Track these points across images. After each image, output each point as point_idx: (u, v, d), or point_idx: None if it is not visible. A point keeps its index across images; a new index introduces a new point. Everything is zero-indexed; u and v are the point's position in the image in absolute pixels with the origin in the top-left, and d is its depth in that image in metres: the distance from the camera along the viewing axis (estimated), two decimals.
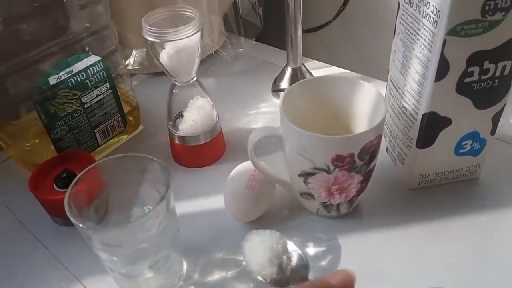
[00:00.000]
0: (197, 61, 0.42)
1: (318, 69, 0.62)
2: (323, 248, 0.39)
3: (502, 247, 0.38)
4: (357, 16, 0.65)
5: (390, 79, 0.44)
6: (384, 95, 0.46)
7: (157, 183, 0.34)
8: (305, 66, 0.57)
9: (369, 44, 0.67)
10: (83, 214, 0.32)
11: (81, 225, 0.28)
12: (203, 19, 0.58)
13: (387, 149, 0.47)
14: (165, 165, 0.33)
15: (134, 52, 0.60)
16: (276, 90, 0.58)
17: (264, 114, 0.56)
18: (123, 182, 0.35)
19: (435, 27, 0.33)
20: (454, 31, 0.32)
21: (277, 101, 0.58)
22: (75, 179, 0.32)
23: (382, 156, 0.45)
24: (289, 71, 0.57)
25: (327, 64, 0.63)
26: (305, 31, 0.54)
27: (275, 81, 0.59)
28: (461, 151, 0.41)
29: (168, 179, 0.31)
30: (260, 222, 0.41)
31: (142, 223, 0.29)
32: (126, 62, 0.60)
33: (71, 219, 0.29)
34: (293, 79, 0.57)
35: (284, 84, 0.57)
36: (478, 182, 0.44)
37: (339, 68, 0.62)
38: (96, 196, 0.34)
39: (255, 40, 0.68)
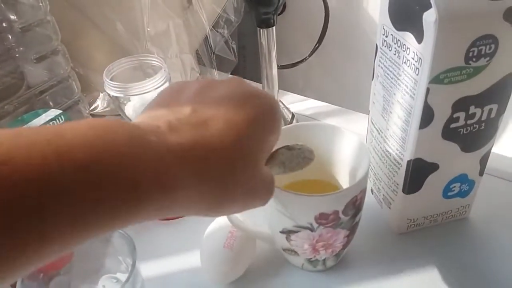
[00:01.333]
0: None
1: (296, 103, 0.60)
2: None
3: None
4: (334, 50, 0.64)
5: (371, 121, 0.42)
6: (366, 132, 0.44)
7: (122, 253, 0.30)
8: (282, 103, 0.55)
9: (347, 77, 0.66)
10: None
11: None
12: (173, 58, 0.55)
13: (372, 191, 0.45)
14: (129, 235, 0.30)
15: (101, 95, 0.57)
16: None
17: None
18: (86, 255, 0.31)
19: (417, 74, 0.31)
20: (437, 79, 0.30)
21: None
22: None
23: (368, 198, 0.43)
24: None
25: (305, 97, 0.61)
26: (280, 67, 0.52)
27: None
28: (449, 194, 0.39)
29: (134, 254, 0.28)
30: (241, 281, 0.38)
31: None
32: (94, 105, 0.57)
33: None
34: None
35: None
36: (468, 221, 0.42)
37: (318, 102, 0.60)
38: (56, 274, 0.31)
39: (231, 74, 0.66)
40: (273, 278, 0.39)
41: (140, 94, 0.36)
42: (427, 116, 0.32)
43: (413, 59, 0.31)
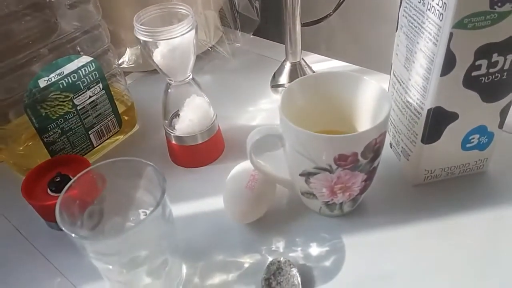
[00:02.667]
0: (192, 59, 0.41)
1: (318, 63, 0.61)
2: (327, 248, 0.38)
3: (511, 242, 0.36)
4: (357, 8, 0.64)
5: (393, 73, 0.42)
6: (387, 89, 0.44)
7: (152, 187, 0.32)
8: (304, 61, 0.56)
9: (370, 37, 0.66)
10: (76, 221, 0.31)
11: (73, 235, 0.27)
12: (198, 15, 0.56)
13: (390, 145, 0.46)
14: (160, 169, 0.31)
15: (128, 50, 0.59)
16: (275, 85, 0.57)
17: (263, 110, 0.54)
18: (118, 187, 0.33)
19: (441, 20, 0.31)
20: (461, 24, 0.31)
21: (276, 97, 0.56)
22: (67, 186, 0.30)
23: (386, 152, 0.44)
24: (288, 66, 0.55)
25: (327, 58, 0.62)
26: (303, 25, 0.52)
27: (274, 76, 0.57)
28: (468, 145, 0.39)
29: (164, 184, 0.30)
30: (261, 222, 0.40)
31: (137, 231, 0.28)
32: (120, 61, 0.59)
33: (63, 228, 0.27)
34: (292, 74, 0.55)
35: (283, 79, 0.56)
36: (485, 175, 0.42)
37: (340, 62, 0.60)
38: (90, 202, 0.33)
39: (253, 35, 0.66)
40: (291, 221, 0.40)
41: (167, 39, 0.37)
42: (449, 63, 0.33)
43: (437, 4, 0.32)
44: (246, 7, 0.61)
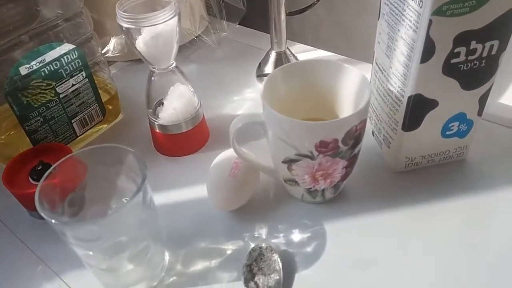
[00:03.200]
0: (175, 47, 0.41)
1: (303, 53, 0.61)
2: (308, 235, 0.38)
3: (491, 228, 0.37)
4: (339, 0, 0.64)
5: (375, 61, 0.43)
6: (369, 78, 0.45)
7: (134, 174, 0.32)
8: (289, 50, 0.56)
9: (354, 27, 0.66)
10: (56, 208, 0.31)
11: (53, 221, 0.27)
12: (183, 4, 0.56)
13: (373, 133, 0.46)
14: (144, 157, 0.31)
15: (112, 39, 0.58)
16: (260, 75, 0.57)
17: (248, 100, 0.55)
18: (99, 174, 0.33)
19: (421, 7, 0.32)
20: (440, 11, 0.31)
21: (261, 86, 0.56)
22: (46, 173, 0.30)
23: (368, 140, 0.44)
24: (273, 55, 0.55)
25: (312, 47, 0.62)
26: (288, 14, 0.52)
27: (259, 66, 0.57)
28: (447, 133, 0.40)
29: (145, 170, 0.30)
30: (244, 210, 0.40)
31: (117, 217, 0.28)
32: (105, 50, 0.58)
33: (42, 214, 0.27)
34: (277, 63, 0.55)
35: (269, 68, 0.56)
36: (465, 163, 0.43)
37: (324, 51, 0.61)
38: (71, 189, 0.33)
39: (239, 24, 0.66)
40: (274, 208, 0.41)
41: (150, 26, 0.37)
42: (429, 50, 0.33)
43: None
44: None
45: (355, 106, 0.38)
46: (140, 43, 0.39)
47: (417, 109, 0.37)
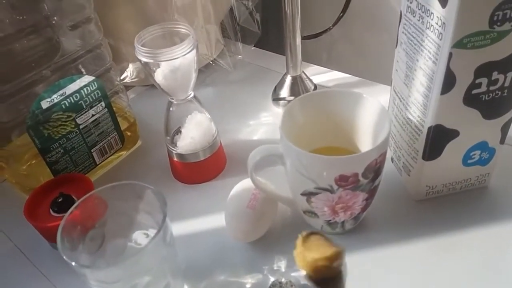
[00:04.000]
0: (193, 78, 0.41)
1: (319, 75, 0.61)
2: None
3: None
4: (357, 20, 0.64)
5: (394, 89, 0.42)
6: (388, 102, 0.44)
7: (152, 209, 0.32)
8: (305, 74, 0.56)
9: (371, 48, 0.65)
10: (77, 245, 0.31)
11: (73, 263, 0.27)
12: (199, 29, 0.57)
13: (392, 159, 0.46)
14: (162, 185, 0.32)
15: (130, 65, 0.59)
16: (276, 98, 0.57)
17: (265, 124, 0.54)
18: (119, 209, 0.34)
19: (440, 39, 0.31)
20: (460, 44, 0.30)
21: (277, 110, 0.56)
22: (68, 212, 0.31)
23: (387, 166, 0.43)
24: (289, 79, 0.55)
25: (328, 69, 0.62)
26: (304, 38, 0.53)
27: (275, 90, 0.57)
28: (469, 161, 0.39)
29: (165, 208, 0.30)
30: (263, 240, 0.40)
31: (138, 258, 0.28)
32: (123, 76, 0.59)
33: (64, 257, 0.28)
34: (293, 87, 0.55)
35: (284, 92, 0.56)
36: (487, 190, 0.42)
37: (340, 73, 0.60)
38: (92, 226, 0.33)
39: (254, 46, 0.66)
40: (293, 239, 0.40)
41: (168, 60, 0.37)
42: (449, 82, 0.33)
43: (436, 24, 0.32)
44: (246, 20, 0.61)
45: (374, 138, 0.37)
46: (159, 76, 0.39)
47: (437, 139, 0.37)
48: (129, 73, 0.60)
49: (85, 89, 0.43)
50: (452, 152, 0.38)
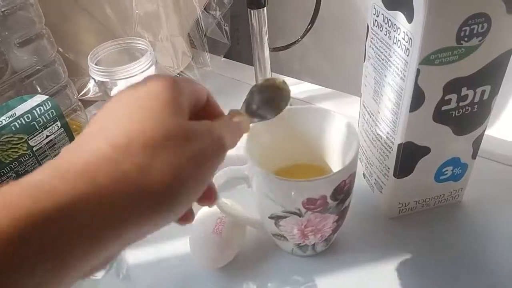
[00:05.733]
0: None
1: (291, 86, 0.59)
2: None
3: (493, 272, 0.35)
4: (328, 32, 0.63)
5: (363, 104, 0.41)
6: (358, 113, 0.43)
7: None
8: None
9: (342, 59, 0.65)
10: None
11: None
12: (164, 42, 0.54)
13: (364, 175, 0.44)
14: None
15: (92, 80, 0.56)
16: None
17: None
18: None
19: (408, 55, 0.30)
20: (428, 60, 0.29)
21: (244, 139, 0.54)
22: None
23: (359, 182, 0.42)
24: None
25: (299, 80, 0.60)
26: (273, 50, 0.51)
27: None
28: (441, 177, 0.38)
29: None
30: (231, 266, 0.38)
31: None
32: (85, 90, 0.56)
33: None
34: None
35: None
36: (461, 204, 0.41)
37: (312, 85, 0.59)
38: None
39: (225, 57, 0.64)
40: (263, 263, 0.38)
41: (126, 78, 0.35)
42: (418, 99, 0.32)
43: (403, 39, 0.30)
44: (214, 31, 0.59)
45: (344, 154, 0.36)
46: None
47: (408, 156, 0.35)
48: (91, 87, 0.57)
49: (37, 109, 0.40)
50: (424, 169, 0.37)
